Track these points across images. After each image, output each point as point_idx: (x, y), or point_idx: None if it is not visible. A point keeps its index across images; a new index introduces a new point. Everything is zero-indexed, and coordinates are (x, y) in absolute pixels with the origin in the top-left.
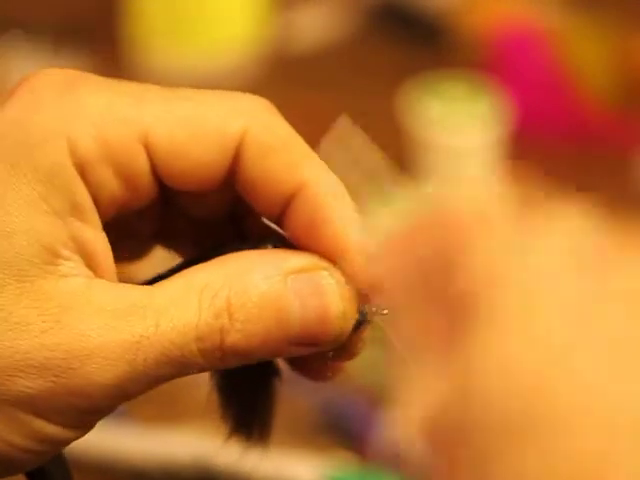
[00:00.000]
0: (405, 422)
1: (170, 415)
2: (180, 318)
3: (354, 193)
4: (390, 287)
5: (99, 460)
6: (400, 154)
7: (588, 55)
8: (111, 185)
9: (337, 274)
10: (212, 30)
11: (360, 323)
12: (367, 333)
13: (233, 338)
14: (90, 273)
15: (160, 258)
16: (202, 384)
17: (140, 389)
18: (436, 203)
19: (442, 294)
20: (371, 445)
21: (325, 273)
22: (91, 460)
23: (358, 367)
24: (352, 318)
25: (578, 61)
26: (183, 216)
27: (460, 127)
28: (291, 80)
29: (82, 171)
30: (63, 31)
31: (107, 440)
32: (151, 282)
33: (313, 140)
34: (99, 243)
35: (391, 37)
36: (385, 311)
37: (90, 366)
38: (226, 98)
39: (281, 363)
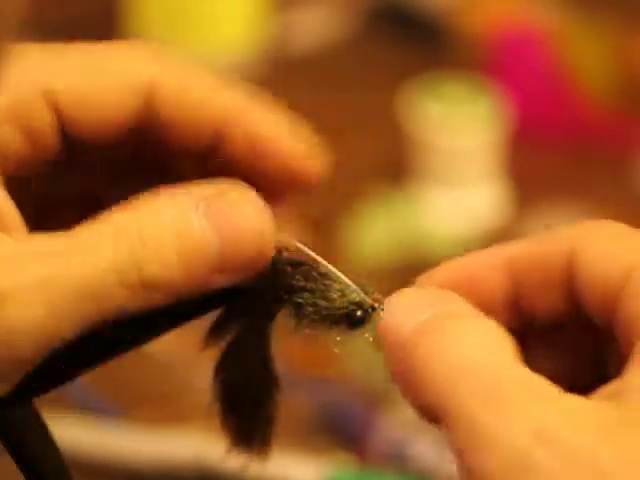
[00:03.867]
0: None
1: (170, 416)
2: (94, 254)
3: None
4: None
5: (99, 461)
6: (400, 155)
7: (588, 55)
8: (14, 142)
9: (252, 194)
10: (212, 30)
11: (361, 319)
12: (368, 331)
13: (151, 269)
14: None
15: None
16: (202, 385)
17: (67, 328)
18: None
19: None
20: (370, 446)
21: (235, 194)
22: (91, 461)
23: (357, 367)
24: (272, 233)
25: (578, 61)
26: (93, 173)
27: (460, 128)
28: (291, 80)
29: None
30: (62, 31)
31: (107, 441)
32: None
33: (312, 139)
34: (3, 202)
35: (391, 38)
36: None
37: (4, 312)
38: (129, 48)
39: (279, 367)
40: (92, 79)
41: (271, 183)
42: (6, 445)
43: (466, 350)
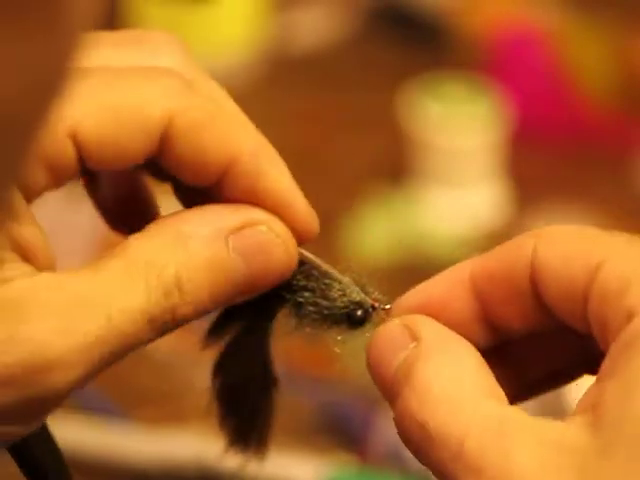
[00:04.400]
0: None
1: (170, 416)
2: (130, 304)
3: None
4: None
5: (99, 460)
6: (400, 155)
7: (588, 55)
8: (41, 180)
9: (277, 224)
10: (212, 30)
11: (361, 319)
12: (368, 330)
13: (184, 310)
14: (31, 268)
15: None
16: (202, 385)
17: (96, 376)
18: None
19: None
20: (370, 446)
21: (264, 227)
22: (91, 460)
23: (358, 367)
24: (295, 259)
25: (578, 61)
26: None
27: (460, 128)
28: (291, 80)
29: None
30: None
31: (107, 440)
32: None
33: (313, 140)
34: (36, 238)
35: (391, 38)
36: (387, 306)
37: (50, 377)
38: (150, 79)
39: (279, 367)
40: (112, 117)
41: None
42: (7, 446)
43: (436, 399)
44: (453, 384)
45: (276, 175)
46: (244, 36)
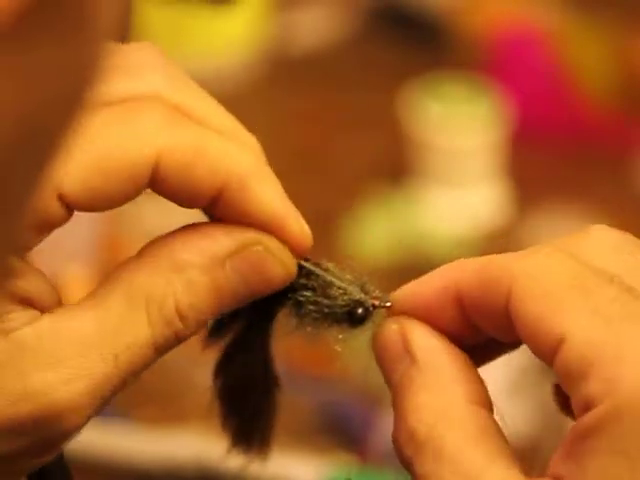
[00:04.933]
0: None
1: (171, 415)
2: (135, 339)
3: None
4: None
5: (100, 460)
6: (400, 155)
7: (588, 55)
8: (31, 238)
9: (272, 242)
10: (213, 30)
11: (362, 317)
12: (368, 329)
13: (188, 333)
14: (33, 313)
15: None
16: (203, 385)
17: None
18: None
19: None
20: (370, 446)
21: (260, 247)
22: (91, 460)
23: (358, 367)
24: (293, 270)
25: (578, 61)
26: None
27: (460, 128)
28: (292, 80)
29: None
30: None
31: (108, 440)
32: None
33: (313, 140)
34: (36, 285)
35: (391, 38)
36: (388, 303)
37: (60, 423)
38: (132, 119)
39: (280, 367)
40: (96, 167)
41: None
42: None
43: (420, 427)
44: (439, 429)
45: (266, 196)
46: (244, 36)
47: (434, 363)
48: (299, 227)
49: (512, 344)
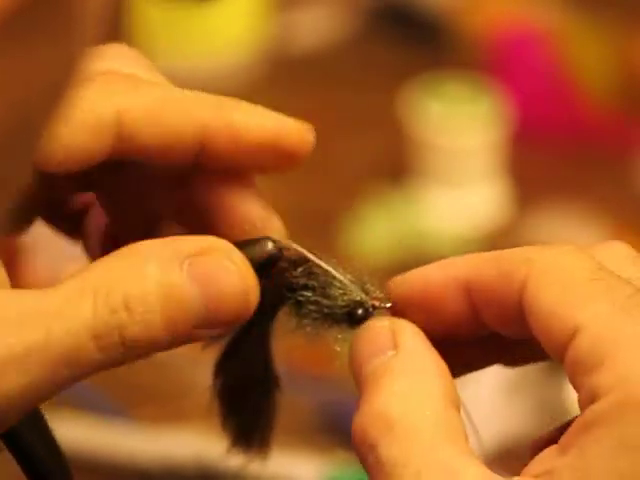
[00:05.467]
0: None
1: (171, 415)
2: (73, 319)
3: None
4: None
5: (100, 459)
6: (400, 155)
7: (588, 55)
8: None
9: (235, 253)
10: (213, 30)
11: (362, 318)
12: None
13: (133, 331)
14: None
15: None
16: (203, 384)
17: (44, 394)
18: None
19: None
20: None
21: (220, 254)
22: (92, 459)
23: None
24: (256, 292)
25: (578, 61)
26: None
27: (460, 128)
28: (292, 80)
29: None
30: None
31: (108, 440)
32: None
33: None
34: None
35: (392, 37)
36: (388, 304)
37: None
38: (100, 81)
39: (280, 366)
40: (64, 126)
41: (258, 168)
42: (7, 444)
43: (393, 409)
44: (413, 416)
45: (253, 115)
46: (244, 36)
47: (417, 358)
48: (298, 126)
49: (514, 342)
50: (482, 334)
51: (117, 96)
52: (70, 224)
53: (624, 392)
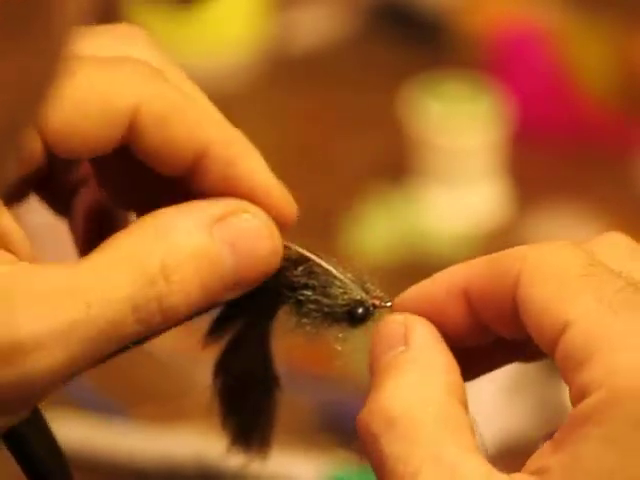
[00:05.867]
0: None
1: (171, 414)
2: (112, 292)
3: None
4: None
5: (100, 458)
6: (400, 154)
7: (588, 55)
8: (11, 171)
9: (260, 212)
10: (213, 30)
11: (362, 317)
12: (369, 328)
13: (172, 300)
14: (12, 257)
15: None
16: (203, 383)
17: (82, 368)
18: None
19: None
20: None
21: (248, 215)
22: (92, 458)
23: (358, 365)
24: (281, 249)
25: (578, 61)
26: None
27: (460, 127)
28: (292, 80)
29: None
30: None
31: (108, 439)
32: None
33: (313, 139)
34: (13, 229)
35: (391, 37)
36: (389, 304)
37: (25, 359)
38: (116, 67)
39: (280, 366)
40: (77, 109)
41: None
42: (7, 444)
43: (395, 405)
44: (415, 411)
45: (250, 162)
46: (244, 36)
47: (425, 354)
48: (284, 197)
49: (517, 344)
50: (487, 340)
51: (138, 88)
52: (60, 202)
53: (611, 388)
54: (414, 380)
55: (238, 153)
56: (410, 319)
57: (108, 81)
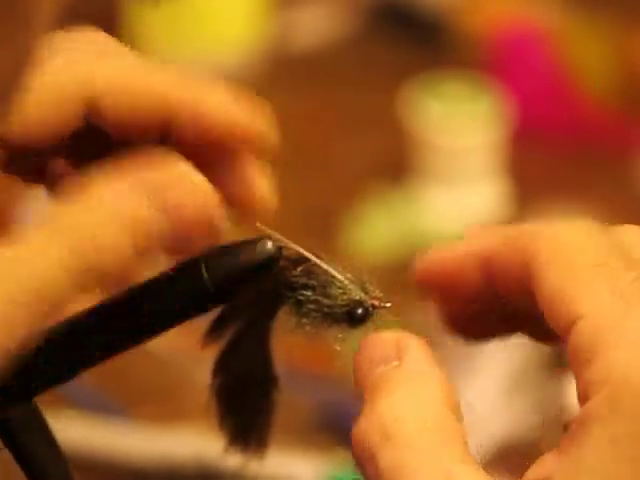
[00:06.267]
0: None
1: (171, 414)
2: (42, 256)
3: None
4: None
5: (99, 458)
6: (400, 154)
7: (588, 55)
8: None
9: (198, 177)
10: (212, 30)
11: (362, 317)
12: (368, 328)
13: (107, 267)
14: None
15: None
16: (203, 383)
17: (20, 333)
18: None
19: None
20: None
21: (182, 181)
22: (91, 458)
23: None
24: (219, 210)
25: (578, 61)
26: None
27: (460, 127)
28: (292, 79)
29: None
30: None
31: (107, 438)
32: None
33: (313, 139)
34: None
35: (391, 37)
36: (388, 304)
37: None
38: (63, 54)
39: (279, 366)
40: (28, 98)
41: (224, 158)
42: (7, 444)
43: (390, 419)
44: (411, 425)
45: (221, 104)
46: (244, 35)
47: (418, 370)
48: (264, 127)
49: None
50: (500, 307)
51: (80, 66)
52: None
53: (613, 389)
54: (409, 394)
55: (207, 96)
56: (405, 336)
57: (58, 63)
